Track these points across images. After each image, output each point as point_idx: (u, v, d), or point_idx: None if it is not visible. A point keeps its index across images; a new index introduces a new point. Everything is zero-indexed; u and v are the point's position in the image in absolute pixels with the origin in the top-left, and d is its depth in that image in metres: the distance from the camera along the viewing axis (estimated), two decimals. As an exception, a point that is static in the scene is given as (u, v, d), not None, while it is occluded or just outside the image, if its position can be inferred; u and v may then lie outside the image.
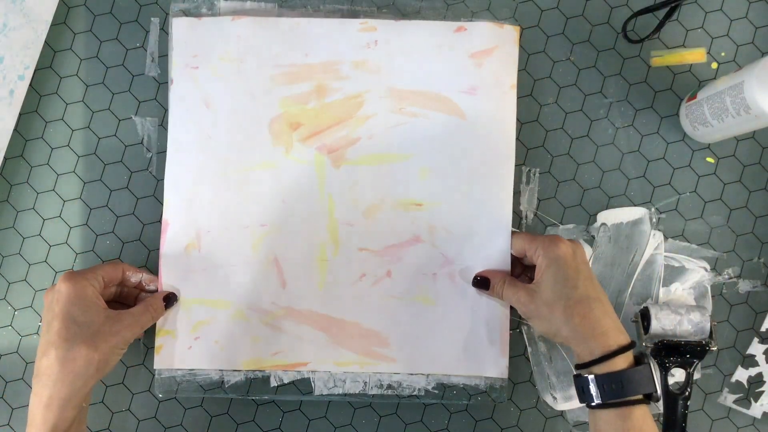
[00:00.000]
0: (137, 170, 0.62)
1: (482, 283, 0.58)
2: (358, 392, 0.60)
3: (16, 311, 0.62)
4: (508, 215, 0.60)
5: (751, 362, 0.61)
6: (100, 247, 0.62)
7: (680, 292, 0.61)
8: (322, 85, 0.61)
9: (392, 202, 0.60)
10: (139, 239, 0.62)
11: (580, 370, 0.52)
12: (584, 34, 0.63)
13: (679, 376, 0.59)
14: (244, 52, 0.61)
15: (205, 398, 0.61)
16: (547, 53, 0.63)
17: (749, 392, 0.61)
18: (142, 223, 0.62)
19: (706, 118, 0.59)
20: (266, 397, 0.61)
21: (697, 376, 0.61)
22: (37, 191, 0.62)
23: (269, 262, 0.60)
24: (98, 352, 0.52)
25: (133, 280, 0.59)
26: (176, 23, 0.61)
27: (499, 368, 0.59)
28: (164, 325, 0.59)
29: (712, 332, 0.58)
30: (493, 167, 0.60)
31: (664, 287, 0.61)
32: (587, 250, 0.61)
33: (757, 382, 0.61)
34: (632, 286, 0.61)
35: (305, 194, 0.60)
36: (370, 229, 0.60)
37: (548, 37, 0.63)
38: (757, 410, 0.61)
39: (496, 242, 0.59)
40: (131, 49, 0.63)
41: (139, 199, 0.62)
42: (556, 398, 0.61)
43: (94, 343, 0.52)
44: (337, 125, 0.61)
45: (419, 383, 0.60)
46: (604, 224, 0.62)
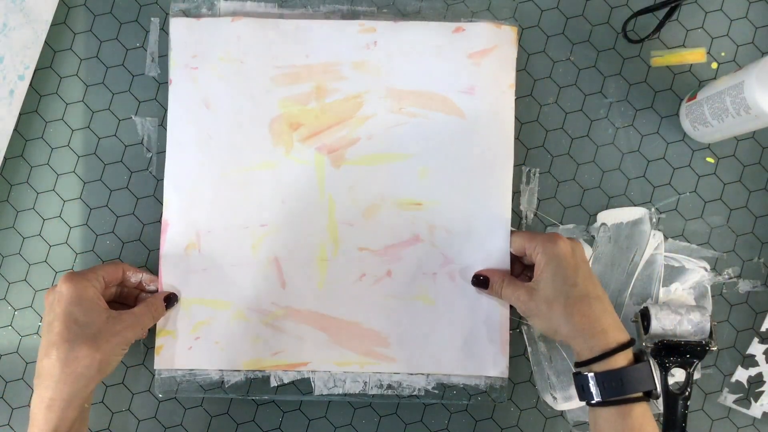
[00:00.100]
0: (137, 170, 0.62)
1: (481, 282, 0.58)
2: (358, 392, 0.60)
3: (16, 311, 0.62)
4: (507, 214, 0.60)
5: (751, 362, 0.61)
6: (100, 247, 0.62)
7: (680, 292, 0.61)
8: (322, 85, 0.61)
9: (392, 201, 0.60)
10: (139, 239, 0.62)
11: (579, 368, 0.52)
12: (584, 34, 0.63)
13: (679, 376, 0.59)
14: (244, 52, 0.61)
15: (205, 398, 0.61)
16: (547, 53, 0.63)
17: (749, 392, 0.61)
18: (142, 223, 0.62)
19: (706, 118, 0.58)
20: (266, 397, 0.61)
21: (697, 376, 0.61)
22: (37, 191, 0.62)
23: (269, 262, 0.60)
24: (100, 352, 0.52)
25: (133, 280, 0.59)
26: (174, 23, 0.61)
27: (499, 368, 0.59)
28: (164, 325, 0.59)
29: (712, 332, 0.58)
30: (492, 166, 0.60)
31: (664, 287, 0.61)
32: (587, 250, 0.61)
33: (757, 382, 0.61)
34: (632, 286, 0.61)
35: (305, 194, 0.60)
36: (369, 228, 0.60)
37: (548, 37, 0.63)
38: (757, 410, 0.61)
39: (495, 241, 0.59)
40: (131, 49, 0.63)
41: (139, 199, 0.62)
42: (556, 398, 0.61)
43: (95, 343, 0.52)
44: (337, 125, 0.61)
45: (419, 383, 0.60)
46: (604, 224, 0.62)
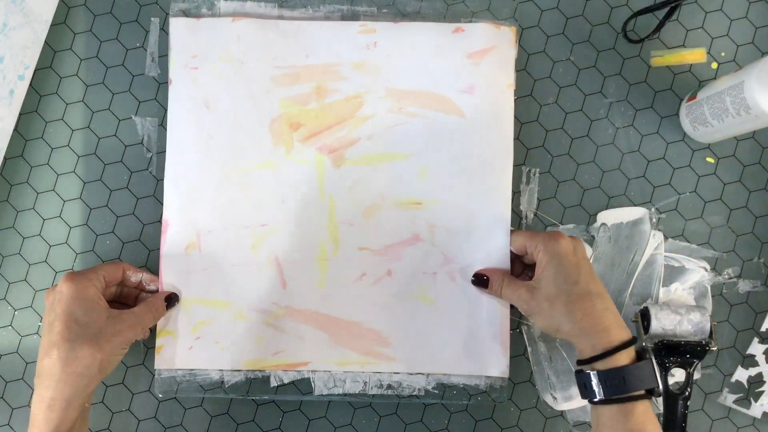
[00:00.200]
0: (137, 170, 0.62)
1: (481, 281, 0.58)
2: (358, 392, 0.60)
3: (16, 311, 0.62)
4: (507, 213, 0.60)
5: (751, 362, 0.61)
6: (100, 247, 0.62)
7: (680, 292, 0.61)
8: (322, 85, 0.61)
9: (392, 201, 0.60)
10: (139, 239, 0.62)
11: (581, 365, 0.52)
12: (584, 34, 0.63)
13: (679, 376, 0.59)
14: (244, 53, 0.61)
15: (205, 398, 0.61)
16: (547, 53, 0.63)
17: (749, 392, 0.61)
18: (142, 223, 0.62)
19: (706, 118, 0.59)
20: (266, 397, 0.61)
21: (697, 376, 0.61)
22: (37, 191, 0.62)
23: (269, 262, 0.60)
24: (101, 352, 0.52)
25: (133, 279, 0.59)
26: (174, 23, 0.61)
27: (500, 367, 0.59)
28: (165, 325, 0.59)
29: (712, 332, 0.58)
30: (491, 166, 0.60)
31: (664, 287, 0.61)
32: (587, 250, 0.61)
33: (757, 382, 0.61)
34: (632, 286, 0.61)
35: (305, 194, 0.60)
36: (370, 228, 0.60)
37: (548, 37, 0.63)
38: (757, 410, 0.61)
39: (495, 240, 0.59)
40: (131, 49, 0.63)
41: (139, 199, 0.62)
42: (556, 398, 0.61)
43: (97, 343, 0.52)
44: (337, 125, 0.61)
45: (419, 383, 0.60)
46: (604, 224, 0.62)
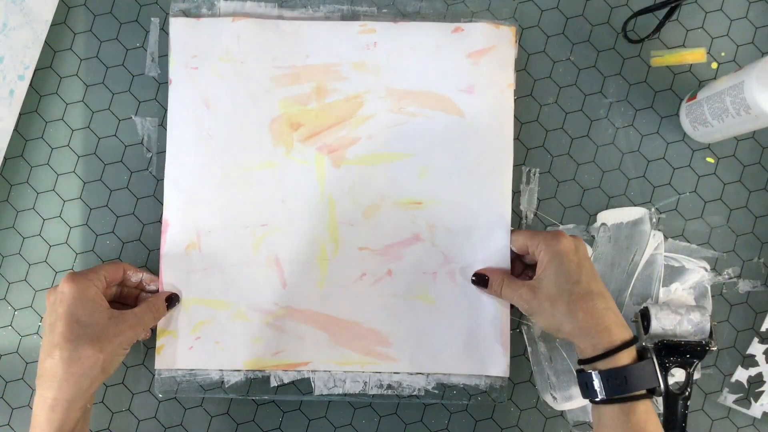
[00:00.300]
0: (137, 170, 0.62)
1: (481, 281, 0.58)
2: (358, 392, 0.60)
3: (16, 311, 0.62)
4: (507, 213, 0.60)
5: (751, 362, 0.61)
6: (100, 247, 0.62)
7: (680, 292, 0.61)
8: (322, 85, 0.61)
9: (392, 201, 0.60)
10: (139, 239, 0.62)
11: (583, 365, 0.52)
12: (584, 34, 0.63)
13: (679, 376, 0.59)
14: (244, 53, 0.61)
15: (205, 398, 0.61)
16: (547, 53, 0.63)
17: (749, 392, 0.61)
18: (142, 223, 0.62)
19: (706, 118, 0.59)
20: (266, 397, 0.61)
21: (697, 376, 0.61)
22: (37, 191, 0.62)
23: (270, 262, 0.60)
24: (104, 352, 0.52)
25: (133, 279, 0.59)
26: (174, 24, 0.61)
27: (500, 366, 0.59)
28: (165, 325, 0.59)
29: (712, 332, 0.58)
30: (491, 165, 0.60)
31: (664, 287, 0.61)
32: (587, 249, 0.61)
33: (757, 382, 0.61)
34: (632, 286, 0.61)
35: (305, 194, 0.60)
36: (370, 228, 0.60)
37: (548, 37, 0.63)
38: (757, 410, 0.61)
39: (495, 239, 0.59)
40: (131, 49, 0.63)
41: (139, 199, 0.62)
42: (556, 398, 0.61)
43: (99, 343, 0.52)
44: (337, 125, 0.61)
45: (419, 383, 0.60)
46: (604, 224, 0.62)
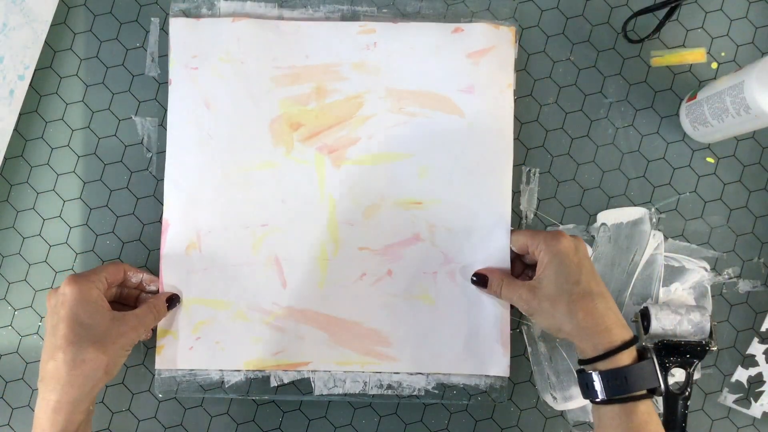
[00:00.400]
0: (137, 170, 0.62)
1: (480, 281, 0.58)
2: (358, 392, 0.60)
3: (16, 311, 0.62)
4: (507, 212, 0.60)
5: (751, 362, 0.61)
6: (100, 247, 0.62)
7: (680, 292, 0.61)
8: (322, 86, 0.61)
9: (392, 201, 0.60)
10: (139, 239, 0.62)
11: (583, 365, 0.52)
12: (584, 34, 0.63)
13: (679, 376, 0.59)
14: (244, 53, 0.61)
15: (205, 398, 0.61)
16: (547, 53, 0.63)
17: (749, 392, 0.61)
18: (142, 223, 0.62)
19: (706, 118, 0.59)
20: (266, 397, 0.61)
21: (697, 376, 0.61)
22: (37, 191, 0.62)
23: (270, 262, 0.60)
24: (107, 354, 0.52)
25: (133, 280, 0.59)
26: (174, 24, 0.61)
27: (500, 366, 0.59)
28: (165, 325, 0.59)
29: (712, 332, 0.58)
30: (491, 165, 0.60)
31: (664, 287, 0.61)
32: (587, 249, 0.61)
33: (757, 382, 0.61)
34: (632, 286, 0.61)
35: (306, 194, 0.60)
36: (370, 228, 0.60)
37: (548, 37, 0.63)
38: (757, 410, 0.61)
39: (495, 239, 0.59)
40: (131, 49, 0.63)
41: (139, 199, 0.62)
42: (556, 398, 0.61)
43: (102, 345, 0.51)
44: (337, 125, 0.61)
45: (419, 383, 0.60)
46: (604, 224, 0.62)
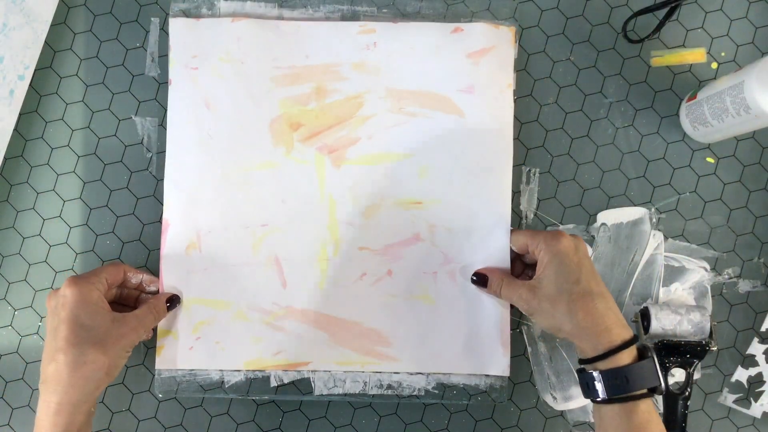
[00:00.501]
0: (137, 170, 0.62)
1: (480, 280, 0.58)
2: (358, 392, 0.60)
3: (16, 311, 0.62)
4: (507, 212, 0.60)
5: (751, 362, 0.61)
6: (100, 247, 0.62)
7: (680, 292, 0.61)
8: (321, 86, 0.61)
9: (392, 201, 0.60)
10: (139, 239, 0.62)
11: (584, 365, 0.52)
12: (584, 34, 0.63)
13: (679, 376, 0.59)
14: (244, 53, 0.61)
15: (205, 398, 0.61)
16: (547, 53, 0.63)
17: (749, 392, 0.61)
18: (142, 223, 0.62)
19: (706, 118, 0.59)
20: (266, 397, 0.61)
21: (697, 376, 0.61)
22: (37, 191, 0.62)
23: (270, 262, 0.60)
24: (108, 355, 0.52)
25: (133, 281, 0.59)
26: (174, 24, 0.61)
27: (500, 366, 0.59)
28: (165, 325, 0.59)
29: (712, 332, 0.58)
30: (491, 165, 0.60)
31: (664, 287, 0.61)
32: (587, 249, 0.61)
33: (757, 382, 0.61)
34: (632, 286, 0.61)
35: (306, 194, 0.60)
36: (370, 228, 0.60)
37: (548, 37, 0.63)
38: (757, 410, 0.61)
39: (495, 239, 0.59)
40: (131, 49, 0.63)
41: (139, 199, 0.62)
42: (556, 398, 0.61)
43: (103, 347, 0.51)
44: (337, 125, 0.61)
45: (419, 383, 0.60)
46: (604, 224, 0.62)
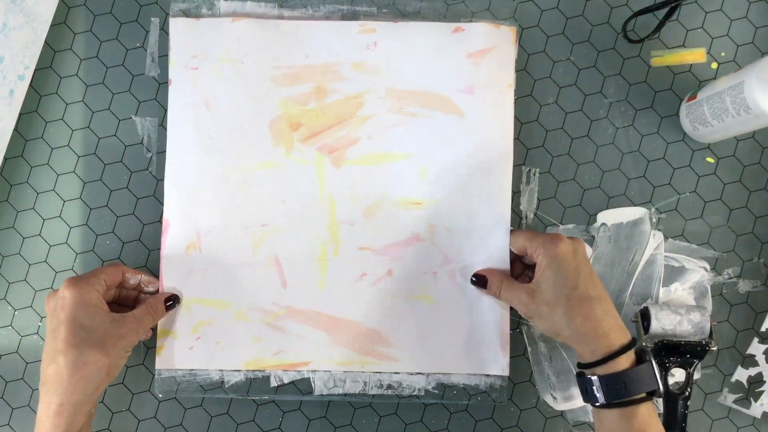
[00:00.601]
0: (137, 170, 0.62)
1: (480, 282, 0.58)
2: (358, 392, 0.60)
3: (16, 311, 0.62)
4: (507, 213, 0.60)
5: (751, 362, 0.61)
6: (100, 247, 0.62)
7: (680, 292, 0.61)
8: (322, 86, 0.61)
9: (392, 201, 0.60)
10: (139, 239, 0.62)
11: (582, 369, 0.52)
12: (584, 34, 0.63)
13: (679, 376, 0.59)
14: (244, 53, 0.61)
15: (205, 398, 0.61)
16: (547, 53, 0.63)
17: (749, 392, 0.61)
18: (142, 223, 0.62)
19: (706, 118, 0.59)
20: (266, 397, 0.61)
21: (697, 376, 0.61)
22: (37, 191, 0.62)
23: (270, 261, 0.60)
24: (108, 356, 0.52)
25: (132, 281, 0.59)
26: (174, 24, 0.61)
27: (500, 366, 0.59)
28: (165, 325, 0.59)
29: (712, 332, 0.58)
30: (491, 165, 0.60)
31: (664, 287, 0.61)
32: (587, 250, 0.61)
33: (757, 382, 0.61)
34: (632, 286, 0.61)
35: (306, 194, 0.60)
36: (370, 228, 0.60)
37: (548, 37, 0.63)
38: (757, 410, 0.61)
39: (495, 240, 0.59)
40: (131, 49, 0.63)
41: (139, 199, 0.62)
42: (556, 398, 0.61)
43: (103, 347, 0.52)
44: (337, 125, 0.61)
45: (419, 383, 0.60)
46: (604, 224, 0.62)
